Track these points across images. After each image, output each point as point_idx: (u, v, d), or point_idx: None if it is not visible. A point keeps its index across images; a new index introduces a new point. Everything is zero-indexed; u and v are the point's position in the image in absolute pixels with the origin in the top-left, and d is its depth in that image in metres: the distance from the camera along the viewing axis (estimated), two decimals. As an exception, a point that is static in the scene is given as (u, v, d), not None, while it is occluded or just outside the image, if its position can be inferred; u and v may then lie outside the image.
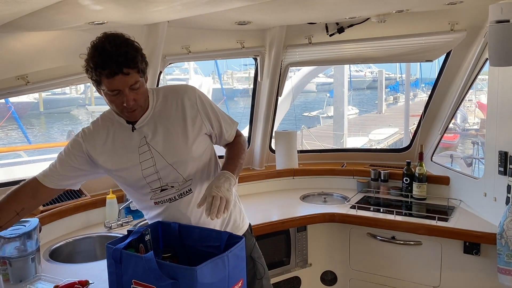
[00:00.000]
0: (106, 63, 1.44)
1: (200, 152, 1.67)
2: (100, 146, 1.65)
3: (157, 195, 1.66)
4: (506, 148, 2.31)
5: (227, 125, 1.75)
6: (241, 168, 1.71)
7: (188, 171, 1.64)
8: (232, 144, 1.79)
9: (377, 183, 3.11)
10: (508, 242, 2.17)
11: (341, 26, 2.99)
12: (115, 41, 1.47)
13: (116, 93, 1.49)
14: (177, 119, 1.63)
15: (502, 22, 2.03)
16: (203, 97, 1.69)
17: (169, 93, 1.68)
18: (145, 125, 1.63)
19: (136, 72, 1.49)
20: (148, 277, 1.38)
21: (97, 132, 1.66)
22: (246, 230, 1.82)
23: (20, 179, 2.60)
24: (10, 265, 1.78)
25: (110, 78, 1.45)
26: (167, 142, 1.62)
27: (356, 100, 23.13)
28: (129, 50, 1.47)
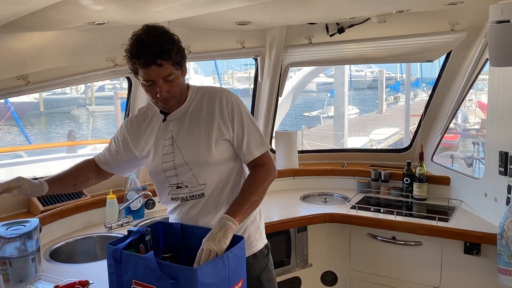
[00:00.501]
0: (141, 53, 1.48)
1: (219, 159, 1.63)
2: (137, 131, 1.73)
3: (173, 191, 1.68)
4: (506, 149, 2.31)
5: (251, 142, 1.65)
6: (255, 205, 1.63)
7: (203, 174, 1.63)
8: (250, 175, 1.68)
9: (377, 183, 3.11)
10: (508, 243, 2.17)
11: (341, 26, 2.99)
12: (153, 32, 1.50)
13: (151, 83, 1.53)
14: (205, 120, 1.63)
15: (502, 22, 2.03)
16: (238, 103, 1.65)
17: (207, 93, 1.68)
18: (175, 119, 1.66)
19: (171, 64, 1.51)
20: (148, 277, 1.38)
21: (139, 118, 1.74)
22: (260, 250, 1.75)
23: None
24: (10, 265, 1.78)
25: (144, 68, 1.49)
26: (189, 141, 1.63)
27: (357, 100, 23.12)
28: (164, 42, 1.50)
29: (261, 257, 1.75)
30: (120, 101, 13.71)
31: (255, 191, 1.62)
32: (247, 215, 1.59)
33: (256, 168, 1.67)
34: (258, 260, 1.72)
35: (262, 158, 1.68)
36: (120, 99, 13.74)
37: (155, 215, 2.72)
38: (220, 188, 1.66)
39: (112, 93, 18.43)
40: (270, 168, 1.68)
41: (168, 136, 1.65)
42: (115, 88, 20.25)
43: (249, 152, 1.66)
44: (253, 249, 1.73)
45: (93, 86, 22.55)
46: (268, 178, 1.67)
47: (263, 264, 1.76)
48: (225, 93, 1.67)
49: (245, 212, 1.57)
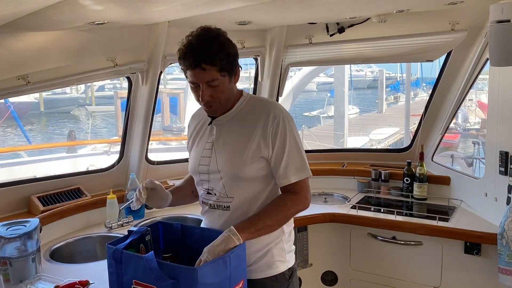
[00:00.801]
0: (188, 55, 1.49)
1: (252, 175, 1.57)
2: (193, 126, 1.76)
3: (204, 196, 1.68)
4: (506, 148, 2.31)
5: (290, 166, 1.56)
6: (268, 230, 1.56)
7: (232, 187, 1.59)
8: (277, 198, 1.61)
9: (377, 183, 3.11)
10: (509, 242, 2.17)
11: (341, 26, 2.99)
12: (204, 35, 1.50)
13: (196, 86, 1.53)
14: (246, 133, 1.57)
15: (502, 22, 2.03)
16: (285, 122, 1.57)
17: (258, 103, 1.64)
18: (220, 124, 1.64)
19: (216, 70, 1.48)
20: (149, 277, 1.38)
21: (198, 114, 1.76)
22: (281, 273, 1.64)
23: (20, 179, 2.62)
24: (10, 265, 1.78)
25: (190, 70, 1.50)
26: (226, 149, 1.60)
27: (357, 99, 23.10)
28: (212, 46, 1.48)
29: (282, 279, 1.65)
30: (120, 100, 13.73)
31: (274, 216, 1.56)
32: (255, 236, 1.53)
33: (287, 193, 1.60)
34: (278, 282, 1.64)
35: (297, 186, 1.59)
36: (120, 99, 13.75)
37: (155, 215, 2.72)
38: (247, 206, 1.60)
39: (112, 93, 18.45)
40: (301, 199, 1.59)
41: (210, 140, 1.64)
42: (115, 88, 20.26)
43: (285, 175, 1.57)
44: (274, 270, 1.64)
45: (93, 86, 22.54)
46: (295, 207, 1.59)
47: (284, 287, 1.66)
48: (275, 109, 1.59)
49: (254, 232, 1.51)
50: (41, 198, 2.44)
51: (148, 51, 2.58)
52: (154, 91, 2.69)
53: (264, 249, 1.62)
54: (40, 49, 2.22)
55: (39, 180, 2.57)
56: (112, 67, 2.48)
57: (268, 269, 1.63)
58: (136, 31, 2.49)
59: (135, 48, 2.56)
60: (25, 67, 2.18)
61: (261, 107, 1.61)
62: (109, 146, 8.11)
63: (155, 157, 3.08)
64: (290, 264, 1.70)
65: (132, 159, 2.85)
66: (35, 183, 2.53)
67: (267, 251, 1.62)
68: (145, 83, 2.66)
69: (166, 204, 1.73)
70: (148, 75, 2.63)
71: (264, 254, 1.62)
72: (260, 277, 1.62)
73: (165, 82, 17.81)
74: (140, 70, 2.62)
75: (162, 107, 13.84)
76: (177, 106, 14.55)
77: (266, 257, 1.63)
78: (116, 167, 2.84)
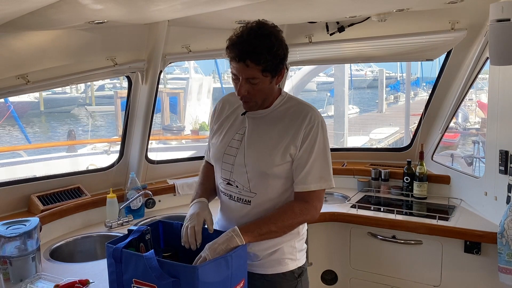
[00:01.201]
0: (235, 47, 1.47)
1: (278, 174, 1.57)
2: (221, 111, 1.73)
3: (224, 186, 1.66)
4: (506, 147, 2.31)
5: (312, 172, 1.55)
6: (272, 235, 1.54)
7: (256, 184, 1.58)
8: (286, 204, 1.58)
9: (377, 182, 3.11)
10: (509, 241, 2.17)
11: (341, 25, 2.99)
12: (256, 31, 1.47)
13: (235, 77, 1.53)
14: (282, 131, 1.57)
15: (502, 21, 2.03)
16: (320, 127, 1.57)
17: (296, 104, 1.63)
18: (254, 118, 1.63)
19: (259, 69, 1.47)
20: (149, 276, 1.38)
21: (229, 101, 1.74)
22: (290, 271, 1.64)
23: (20, 178, 2.62)
24: (10, 264, 1.78)
25: (233, 62, 1.49)
26: (257, 145, 1.59)
27: (357, 99, 23.09)
28: (261, 44, 1.45)
29: (291, 277, 1.64)
30: (120, 100, 13.71)
31: (280, 223, 1.53)
32: (258, 240, 1.53)
33: (297, 201, 1.58)
34: (286, 280, 1.64)
35: (311, 194, 1.56)
36: (120, 99, 13.74)
37: (155, 214, 2.72)
38: (268, 204, 1.59)
39: (112, 93, 18.44)
40: (310, 209, 1.57)
41: (241, 132, 1.63)
42: (115, 87, 20.26)
43: (304, 181, 1.56)
44: (283, 267, 1.63)
45: (93, 86, 22.54)
46: (303, 217, 1.57)
47: (291, 285, 1.65)
48: (313, 112, 1.59)
49: (258, 236, 1.51)
50: (41, 197, 2.44)
51: (148, 50, 2.58)
52: (154, 90, 2.69)
53: (276, 247, 1.61)
54: (39, 48, 2.22)
55: (39, 180, 2.57)
56: (112, 66, 2.48)
57: (277, 266, 1.62)
58: (136, 30, 2.49)
59: (135, 47, 2.56)
60: (24, 66, 2.18)
61: (299, 108, 1.61)
62: (109, 146, 8.11)
63: (155, 156, 3.08)
64: (301, 263, 1.68)
65: (132, 159, 2.85)
66: (35, 182, 2.53)
67: (279, 248, 1.62)
68: (145, 82, 2.66)
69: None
70: (148, 74, 2.63)
71: (275, 251, 1.61)
72: (268, 272, 1.62)
73: (165, 81, 17.81)
74: (140, 70, 2.62)
75: (162, 106, 13.83)
76: (177, 105, 14.54)
77: (276, 254, 1.62)
78: (116, 166, 2.84)
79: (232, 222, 1.62)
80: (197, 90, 12.98)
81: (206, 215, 1.57)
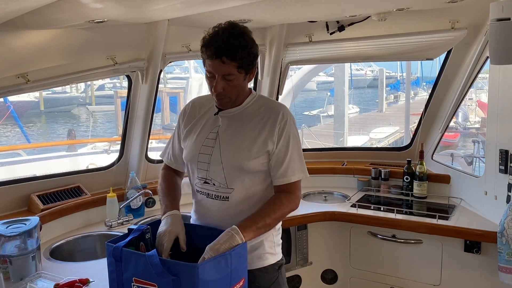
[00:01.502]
0: (210, 45, 1.53)
1: (254, 169, 1.62)
2: (192, 114, 1.75)
3: (200, 185, 1.68)
4: (506, 147, 2.31)
5: (291, 166, 1.63)
6: (267, 228, 1.60)
7: (234, 180, 1.62)
8: (273, 198, 1.64)
9: (377, 181, 3.11)
10: (508, 241, 2.17)
11: (341, 24, 2.99)
12: (230, 31, 1.53)
13: (211, 76, 1.57)
14: (254, 128, 1.63)
15: (503, 20, 2.03)
16: (292, 124, 1.66)
17: (266, 103, 1.70)
18: (227, 117, 1.67)
19: (234, 66, 1.53)
20: (149, 275, 1.38)
21: (198, 102, 1.78)
22: (271, 264, 1.71)
23: (20, 178, 2.62)
24: (10, 263, 1.78)
25: (209, 60, 1.54)
26: (232, 142, 1.63)
27: (357, 98, 23.08)
28: (236, 42, 1.52)
29: (272, 271, 1.71)
30: (120, 100, 13.71)
31: (273, 215, 1.59)
32: (257, 235, 1.57)
33: (282, 193, 1.64)
34: (268, 273, 1.69)
35: (292, 186, 1.65)
36: (120, 98, 13.74)
37: (155, 213, 2.72)
38: (246, 198, 1.63)
39: (112, 92, 18.43)
40: (295, 199, 1.66)
41: (214, 131, 1.67)
42: (115, 87, 20.25)
43: (285, 174, 1.63)
44: (264, 261, 1.69)
45: (93, 85, 22.53)
46: (290, 206, 1.64)
47: (273, 278, 1.71)
48: (284, 109, 1.67)
49: (256, 231, 1.55)
50: (41, 196, 2.45)
51: (148, 50, 2.58)
52: (154, 90, 2.69)
53: (257, 242, 1.66)
54: (39, 47, 2.22)
55: (39, 179, 2.57)
56: (112, 66, 2.48)
57: (258, 261, 1.68)
58: (135, 30, 2.49)
59: (135, 46, 2.56)
60: (24, 65, 2.18)
61: (271, 106, 1.69)
62: (109, 145, 8.10)
63: (155, 155, 3.08)
64: (279, 257, 1.76)
65: (132, 158, 2.85)
66: (35, 181, 2.53)
67: (260, 243, 1.67)
68: (145, 81, 2.66)
69: None
70: (148, 73, 2.63)
71: (257, 247, 1.67)
72: (250, 268, 1.64)
73: (165, 81, 17.80)
74: (140, 69, 2.62)
75: (162, 106, 13.84)
76: (177, 105, 14.55)
77: (258, 250, 1.67)
78: (116, 165, 2.84)
79: (211, 220, 1.65)
80: (197, 89, 12.99)
81: (179, 231, 1.57)
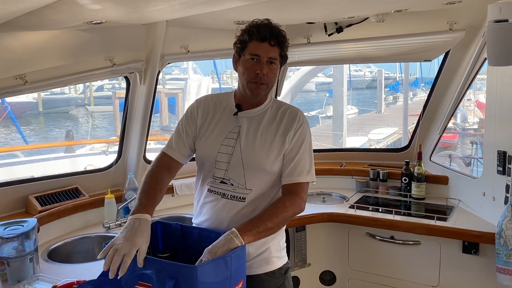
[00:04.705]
0: (262, 28, 1.60)
1: (274, 170, 1.64)
2: (206, 111, 1.74)
3: (215, 184, 1.67)
4: (504, 148, 2.31)
5: (299, 166, 1.64)
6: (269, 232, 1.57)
7: (253, 180, 1.62)
8: (277, 201, 1.63)
9: (376, 182, 3.11)
10: (506, 242, 2.17)
11: (339, 25, 2.99)
12: (275, 24, 1.64)
13: (256, 59, 1.60)
14: (274, 130, 1.66)
15: (500, 22, 2.03)
16: (307, 127, 1.70)
17: (284, 106, 1.74)
18: (247, 117, 1.69)
19: (279, 52, 1.62)
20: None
21: (211, 100, 1.77)
22: (277, 268, 1.70)
23: (17, 179, 2.61)
24: (8, 265, 1.77)
25: (257, 42, 1.59)
26: (254, 142, 1.64)
27: (356, 99, 23.12)
28: (282, 32, 1.63)
29: (278, 275, 1.70)
30: (118, 101, 13.71)
31: (274, 218, 1.57)
32: (257, 239, 1.54)
33: (286, 195, 1.64)
34: (275, 278, 1.69)
35: (298, 187, 1.64)
36: (119, 99, 13.73)
37: (154, 215, 2.70)
38: (261, 199, 1.64)
39: (111, 93, 18.42)
40: (298, 201, 1.63)
41: (235, 130, 1.67)
42: (114, 88, 20.23)
43: (292, 173, 1.64)
44: (271, 266, 1.68)
45: (91, 86, 22.52)
46: (293, 209, 1.61)
47: (279, 282, 1.70)
48: (301, 113, 1.72)
49: (256, 235, 1.52)
50: (39, 198, 2.44)
51: (146, 51, 2.58)
52: (152, 91, 2.69)
53: (264, 246, 1.65)
54: (37, 49, 2.22)
55: (37, 180, 2.56)
56: (110, 67, 2.48)
57: (265, 265, 1.67)
58: (134, 31, 2.49)
59: (133, 47, 2.56)
60: (22, 66, 2.18)
61: (289, 108, 1.73)
62: (107, 146, 8.10)
63: (153, 157, 3.07)
64: (285, 260, 1.75)
65: (130, 159, 2.85)
66: (33, 183, 2.52)
67: (267, 248, 1.66)
68: (143, 82, 2.66)
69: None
70: (146, 74, 2.63)
71: (264, 250, 1.66)
72: (257, 272, 1.65)
73: (163, 82, 17.81)
74: (138, 70, 2.61)
75: (160, 107, 13.84)
76: (176, 106, 14.55)
77: (265, 253, 1.66)
78: (114, 167, 2.84)
79: (223, 221, 1.63)
80: (195, 90, 12.99)
81: (141, 244, 1.37)
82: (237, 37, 1.66)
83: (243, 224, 1.53)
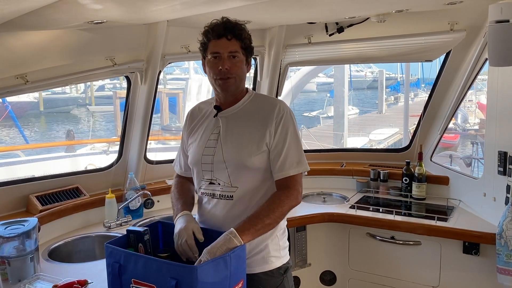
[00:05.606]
0: (216, 27, 1.64)
1: (257, 166, 1.63)
2: (192, 121, 1.80)
3: (206, 186, 1.69)
4: (505, 148, 2.31)
5: (288, 159, 1.62)
6: (267, 228, 1.58)
7: (238, 178, 1.63)
8: (272, 196, 1.63)
9: (376, 183, 3.11)
10: (507, 242, 2.17)
11: (340, 25, 2.99)
12: (230, 20, 1.66)
13: (217, 56, 1.63)
14: (254, 123, 1.66)
15: (501, 22, 2.03)
16: (289, 117, 1.67)
17: (265, 98, 1.79)
18: (226, 117, 1.70)
19: (239, 45, 1.64)
20: (148, 276, 1.38)
21: (199, 109, 1.82)
22: (276, 268, 1.69)
23: (18, 178, 2.61)
24: (9, 265, 1.78)
25: (215, 40, 1.63)
26: (234, 140, 1.65)
27: (357, 100, 23.09)
28: (238, 25, 1.65)
29: (277, 274, 1.69)
30: (119, 100, 13.71)
31: (271, 214, 1.57)
32: (256, 236, 1.55)
33: (281, 189, 1.64)
34: (273, 277, 1.68)
35: (292, 180, 1.63)
36: (120, 99, 13.74)
37: (153, 214, 2.72)
38: (250, 197, 1.64)
39: (112, 93, 18.43)
40: (294, 194, 1.63)
41: (216, 131, 1.69)
42: (115, 88, 20.24)
43: (282, 168, 1.63)
44: (269, 265, 1.68)
45: (92, 86, 22.53)
46: (289, 202, 1.61)
47: (278, 282, 1.69)
48: (281, 103, 1.70)
49: (255, 233, 1.53)
50: (39, 197, 2.44)
51: (147, 51, 2.58)
52: (153, 91, 2.69)
53: (262, 245, 1.65)
54: (39, 48, 2.22)
55: (37, 180, 2.57)
56: (111, 66, 2.48)
57: (263, 264, 1.67)
58: (135, 31, 2.49)
59: (134, 47, 2.56)
60: (23, 66, 2.18)
61: (268, 102, 1.74)
62: (108, 146, 8.10)
63: (154, 156, 3.08)
64: (285, 260, 1.74)
65: (131, 159, 2.85)
66: (34, 182, 2.52)
67: (264, 246, 1.66)
68: (144, 82, 2.66)
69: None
70: (147, 74, 2.63)
71: (261, 249, 1.66)
72: (255, 271, 1.65)
73: (164, 82, 17.80)
74: (139, 70, 2.62)
75: (161, 106, 13.85)
76: (176, 106, 14.55)
77: (262, 253, 1.66)
78: (114, 166, 2.84)
79: (217, 221, 1.65)
80: (196, 90, 12.98)
81: (193, 226, 1.59)
82: (199, 41, 1.68)
83: (241, 223, 1.53)
